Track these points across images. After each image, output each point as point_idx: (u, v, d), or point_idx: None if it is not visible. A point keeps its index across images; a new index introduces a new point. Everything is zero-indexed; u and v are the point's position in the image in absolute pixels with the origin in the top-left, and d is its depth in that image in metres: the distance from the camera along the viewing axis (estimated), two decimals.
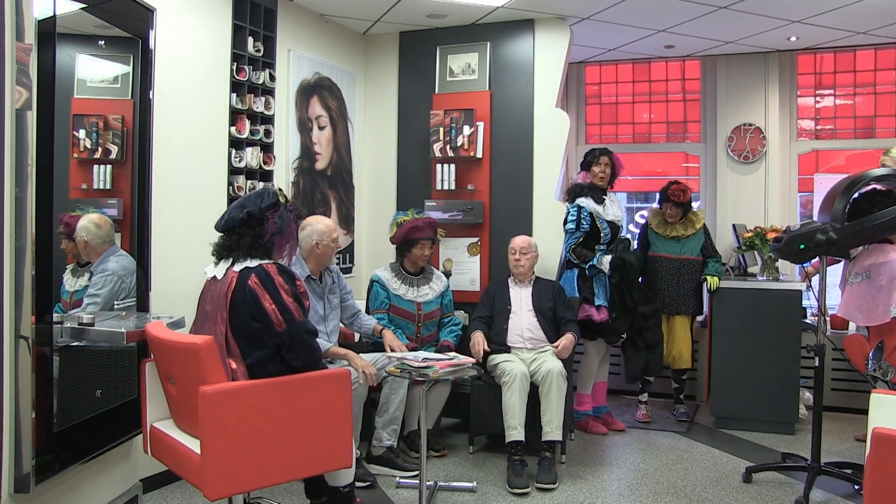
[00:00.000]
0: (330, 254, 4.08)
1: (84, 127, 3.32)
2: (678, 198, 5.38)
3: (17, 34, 2.55)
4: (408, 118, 5.78)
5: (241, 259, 3.01)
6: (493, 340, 4.60)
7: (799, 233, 3.92)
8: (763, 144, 6.51)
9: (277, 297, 2.93)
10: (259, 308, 2.91)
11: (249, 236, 3.03)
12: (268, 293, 2.92)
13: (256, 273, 2.95)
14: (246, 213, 3.04)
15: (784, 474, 4.26)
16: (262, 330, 2.92)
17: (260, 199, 3.09)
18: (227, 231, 3.08)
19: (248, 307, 2.91)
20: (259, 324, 2.91)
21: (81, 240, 3.25)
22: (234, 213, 3.07)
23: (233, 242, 3.04)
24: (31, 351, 2.60)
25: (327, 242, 4.03)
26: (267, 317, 2.91)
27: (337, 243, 4.14)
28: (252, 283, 2.92)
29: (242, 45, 4.50)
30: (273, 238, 3.09)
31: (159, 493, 3.88)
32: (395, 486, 4.10)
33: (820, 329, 4.02)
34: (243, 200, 3.13)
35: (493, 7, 5.14)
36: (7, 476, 2.60)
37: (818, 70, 6.64)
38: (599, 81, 7.22)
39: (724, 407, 5.25)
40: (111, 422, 3.17)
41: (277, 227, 3.09)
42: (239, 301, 2.92)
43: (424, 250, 4.69)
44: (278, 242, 3.12)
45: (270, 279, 2.94)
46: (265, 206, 3.07)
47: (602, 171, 5.07)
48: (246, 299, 2.91)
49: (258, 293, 2.91)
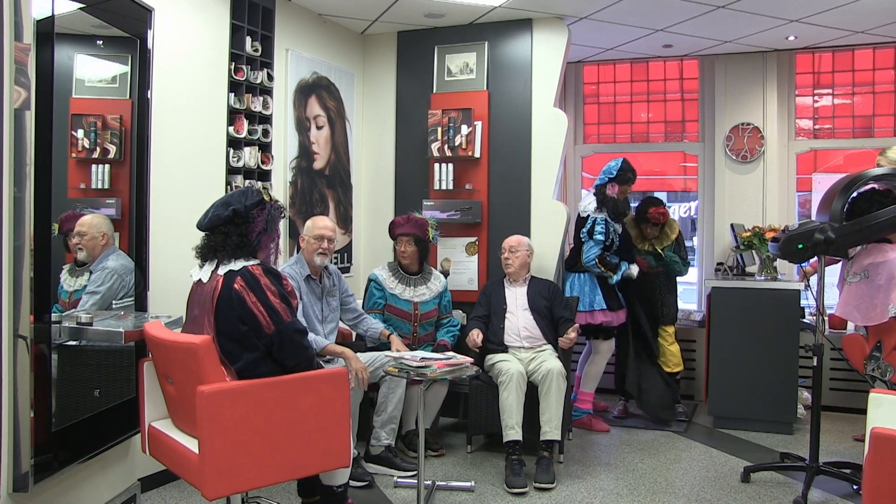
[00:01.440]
0: (311, 250, 4.06)
1: (82, 127, 3.32)
2: (658, 220, 5.38)
3: (16, 34, 2.55)
4: (406, 118, 5.77)
5: (226, 261, 2.95)
6: (490, 340, 4.60)
7: (797, 232, 3.92)
8: (761, 144, 6.51)
9: (264, 298, 2.89)
10: (246, 311, 2.87)
11: (236, 235, 2.97)
12: (254, 295, 2.88)
13: (242, 275, 2.90)
14: (231, 210, 2.97)
15: (782, 474, 4.27)
16: (251, 332, 2.89)
17: (244, 196, 3.02)
18: (211, 230, 3.01)
19: (235, 311, 2.87)
20: (247, 326, 2.88)
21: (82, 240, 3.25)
22: (219, 210, 3.00)
23: (218, 242, 2.98)
24: (29, 350, 2.60)
25: (309, 238, 4.04)
26: (255, 319, 2.87)
27: (322, 242, 4.08)
28: (238, 286, 2.88)
29: (240, 44, 4.50)
30: (260, 237, 3.04)
31: (157, 492, 3.88)
32: (393, 486, 4.10)
33: (818, 329, 4.02)
34: (227, 198, 3.06)
35: (491, 7, 5.14)
36: (6, 475, 2.60)
37: (816, 69, 6.64)
38: (597, 81, 7.22)
39: (723, 407, 5.26)
40: (109, 421, 3.17)
41: (264, 225, 3.04)
42: (225, 305, 2.88)
43: (402, 247, 4.70)
44: (265, 241, 3.08)
45: (256, 281, 2.90)
46: (251, 203, 3.00)
47: (628, 192, 5.34)
48: (232, 303, 2.87)
49: (244, 296, 2.87)
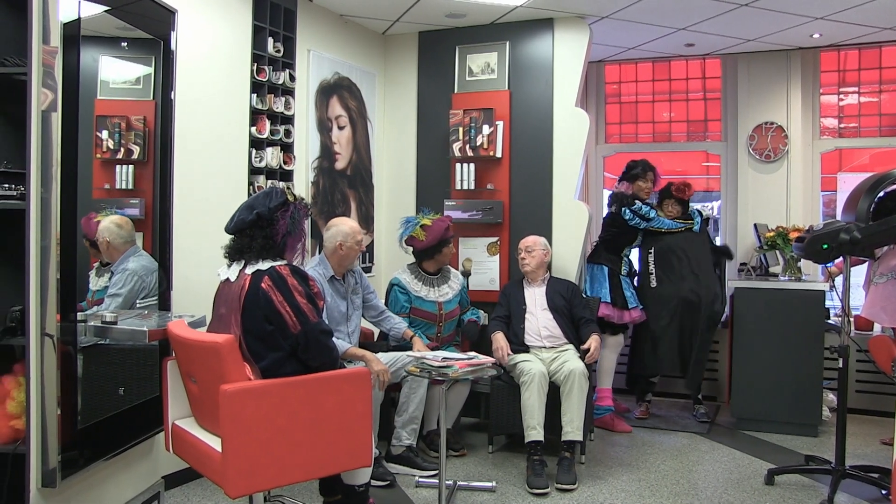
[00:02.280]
0: (353, 256, 4.07)
1: (107, 128, 3.35)
2: (683, 193, 5.37)
3: (44, 38, 2.59)
4: (427, 118, 5.78)
5: (253, 261, 2.97)
6: (511, 340, 4.59)
7: (822, 232, 3.88)
8: (785, 143, 6.44)
9: (291, 298, 2.91)
10: (272, 310, 2.89)
11: (261, 238, 2.99)
12: (281, 295, 2.90)
13: (269, 275, 2.92)
14: (255, 214, 2.99)
15: (807, 477, 4.22)
16: (277, 332, 2.90)
17: (268, 198, 3.04)
18: (237, 233, 3.05)
19: (262, 310, 2.89)
20: (273, 326, 2.90)
21: (104, 240, 3.28)
22: (244, 214, 3.03)
23: (244, 244, 3.00)
24: (55, 348, 2.63)
25: (351, 244, 4.02)
26: (281, 319, 2.89)
27: (361, 245, 4.11)
28: (265, 285, 2.90)
29: (262, 45, 4.53)
30: (285, 239, 3.05)
31: (180, 490, 3.92)
32: (414, 486, 4.10)
33: (844, 330, 3.98)
34: (251, 201, 3.08)
35: (513, 6, 5.13)
36: (35, 470, 2.64)
37: (842, 67, 6.56)
38: (619, 80, 7.19)
39: (746, 408, 5.21)
40: (134, 419, 3.20)
41: (288, 227, 3.05)
42: (252, 304, 2.90)
43: (454, 248, 4.72)
44: (290, 243, 3.09)
45: (283, 281, 2.92)
46: (274, 205, 3.02)
47: (648, 188, 5.38)
48: (259, 302, 2.89)
49: (271, 296, 2.88)
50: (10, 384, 2.76)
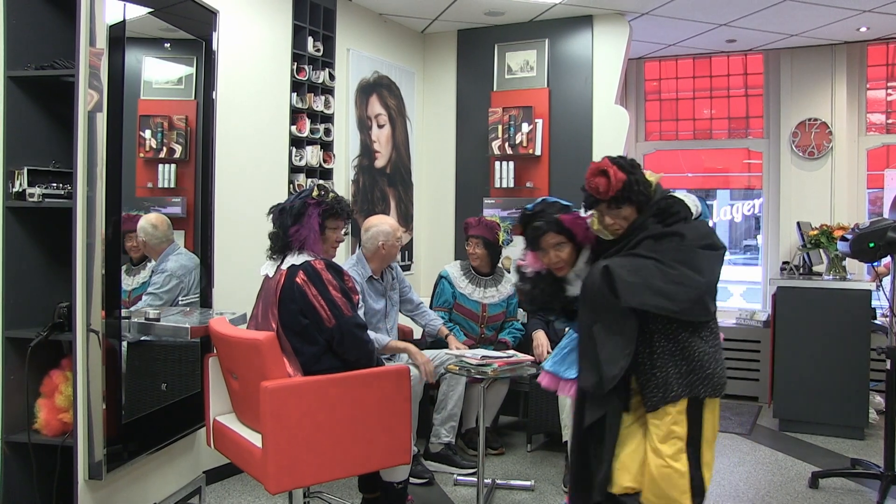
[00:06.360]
0: (395, 253, 4.08)
1: (150, 127, 3.41)
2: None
3: (91, 40, 2.64)
4: (466, 116, 5.78)
5: (289, 256, 3.00)
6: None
7: (869, 230, 3.79)
8: (829, 140, 6.31)
9: (325, 292, 2.92)
10: (307, 304, 2.90)
11: (283, 235, 3.01)
12: (315, 289, 2.91)
13: (304, 269, 2.93)
14: (279, 210, 3.04)
15: (854, 481, 4.12)
16: (312, 326, 2.91)
17: (297, 197, 3.06)
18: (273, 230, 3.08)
19: (297, 304, 2.91)
20: (308, 320, 2.91)
21: (140, 240, 3.34)
22: (274, 210, 3.08)
23: (275, 242, 3.05)
24: (101, 344, 2.69)
25: (392, 242, 4.03)
26: (315, 313, 2.90)
27: (401, 241, 4.14)
28: (300, 279, 2.91)
29: (302, 45, 4.56)
30: (306, 237, 2.98)
31: (221, 485, 3.97)
32: (452, 484, 4.10)
33: (891, 331, 3.88)
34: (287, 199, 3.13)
35: (552, 4, 5.10)
36: (82, 463, 2.70)
37: (891, 62, 6.41)
38: (659, 77, 7.11)
39: (789, 409, 5.11)
40: (176, 415, 3.25)
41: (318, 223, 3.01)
42: (287, 298, 2.92)
43: (472, 248, 4.65)
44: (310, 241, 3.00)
45: (318, 275, 2.93)
46: (297, 203, 3.01)
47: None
48: (294, 296, 2.91)
49: (305, 290, 2.90)
50: (58, 378, 2.83)
